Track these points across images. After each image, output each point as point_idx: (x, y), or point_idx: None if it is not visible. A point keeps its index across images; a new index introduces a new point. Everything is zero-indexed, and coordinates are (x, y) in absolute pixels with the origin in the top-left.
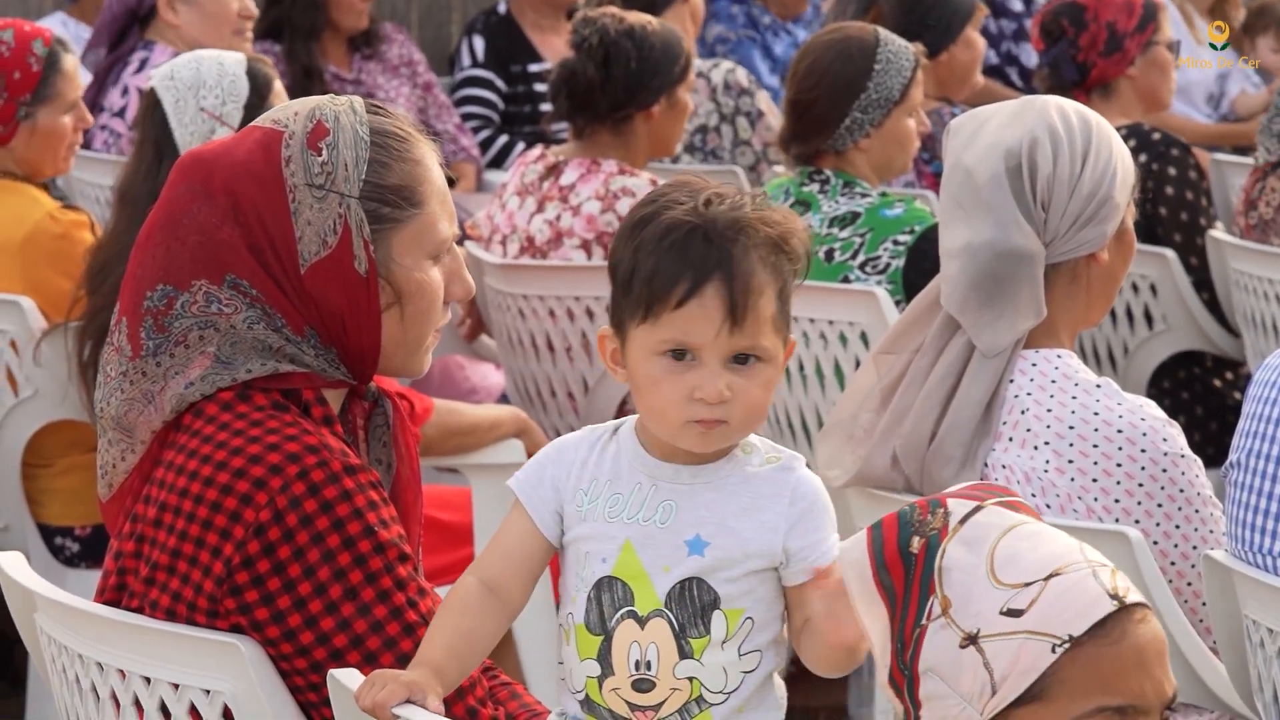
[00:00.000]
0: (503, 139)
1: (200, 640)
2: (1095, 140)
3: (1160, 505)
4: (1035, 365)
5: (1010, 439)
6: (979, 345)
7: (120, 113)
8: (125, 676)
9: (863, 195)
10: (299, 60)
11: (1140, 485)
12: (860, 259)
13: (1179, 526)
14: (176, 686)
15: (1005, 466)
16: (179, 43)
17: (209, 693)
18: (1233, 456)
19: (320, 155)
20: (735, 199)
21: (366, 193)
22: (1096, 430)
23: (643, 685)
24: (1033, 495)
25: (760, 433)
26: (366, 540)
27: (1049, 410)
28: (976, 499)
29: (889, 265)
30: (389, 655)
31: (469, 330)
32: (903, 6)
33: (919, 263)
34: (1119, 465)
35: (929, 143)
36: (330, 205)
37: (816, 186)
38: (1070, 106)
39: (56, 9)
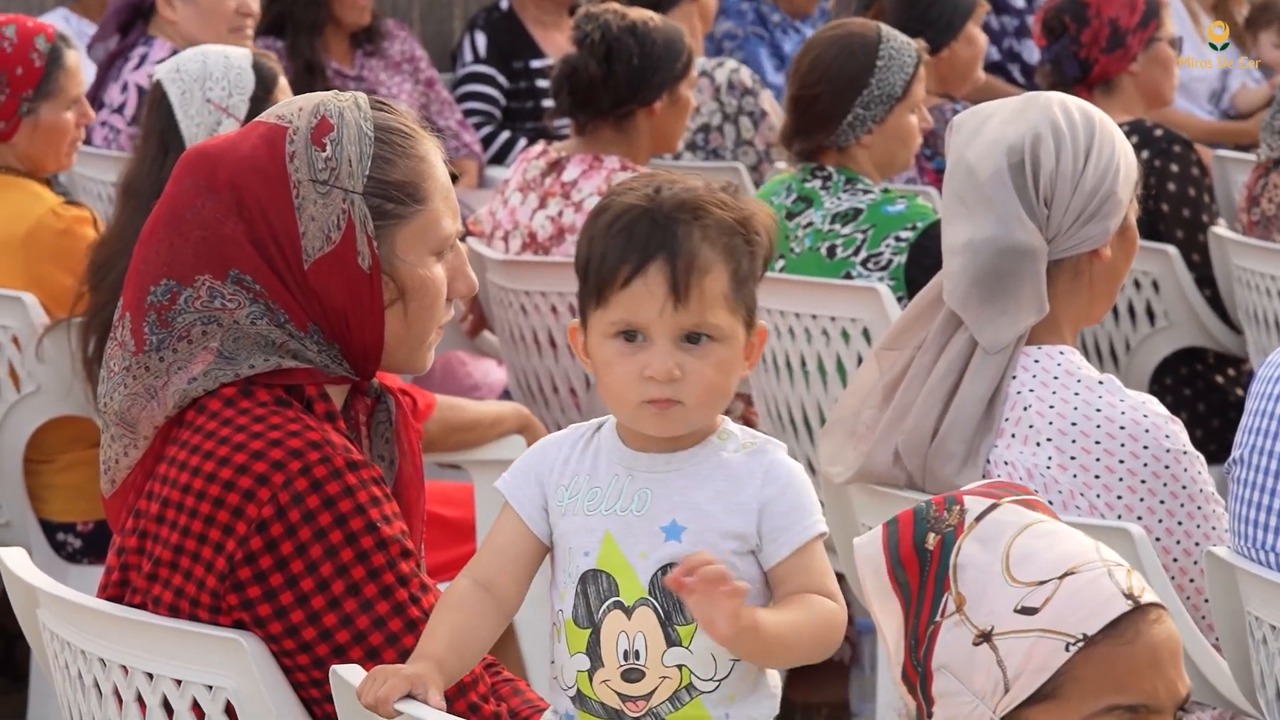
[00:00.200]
0: (505, 135)
1: (203, 636)
2: (1098, 136)
3: (1162, 502)
4: (1038, 362)
5: (1013, 435)
6: (981, 342)
7: (120, 109)
8: (128, 672)
9: (865, 191)
10: (301, 56)
11: (1142, 482)
12: (862, 255)
13: (1181, 523)
14: (179, 682)
15: (1007, 463)
16: (177, 38)
17: (211, 688)
18: (1235, 453)
19: (324, 151)
20: (689, 184)
21: (370, 189)
22: (1099, 427)
23: (632, 675)
24: (1035, 492)
25: (762, 429)
26: (369, 536)
27: (1051, 407)
28: (993, 496)
29: (891, 261)
30: (391, 651)
31: (471, 326)
32: (904, 3)
33: (921, 259)
34: (1121, 462)
35: (931, 139)
36: (334, 201)
37: (819, 183)
38: (1073, 103)
39: (59, 5)
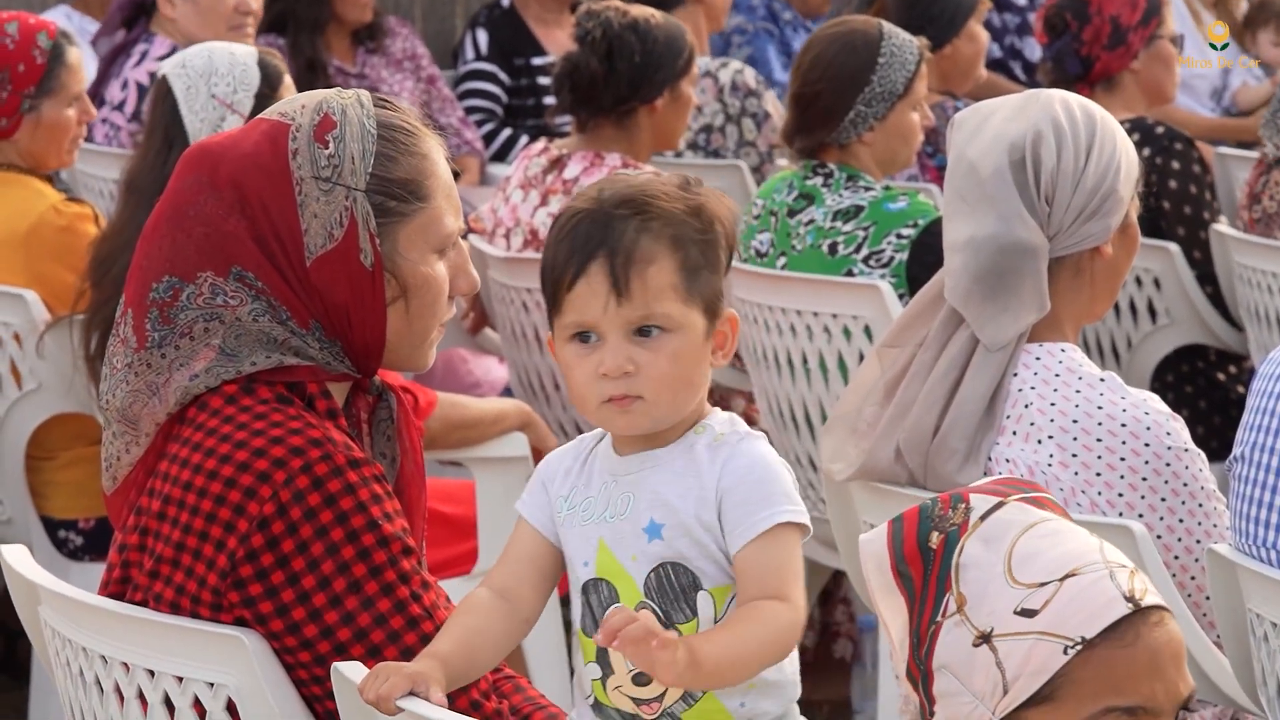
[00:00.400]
0: (506, 132)
1: (204, 633)
2: (1099, 134)
3: (1164, 499)
4: (1039, 359)
5: (1014, 433)
6: (983, 339)
7: (120, 106)
8: (129, 669)
9: (866, 189)
10: (303, 54)
11: (1144, 479)
12: (864, 253)
13: (1182, 521)
14: (180, 680)
15: (1009, 460)
16: (177, 35)
17: (213, 686)
18: (1236, 450)
19: (327, 148)
20: (635, 181)
21: (373, 186)
22: (1100, 424)
23: (642, 678)
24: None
25: (763, 426)
26: (370, 534)
27: (1053, 404)
28: (1000, 494)
29: (893, 259)
30: (393, 648)
31: (472, 324)
32: (906, 0)
33: (922, 256)
34: (1122, 459)
35: (932, 136)
36: (337, 198)
37: (820, 180)
38: (1074, 100)
39: (61, 2)
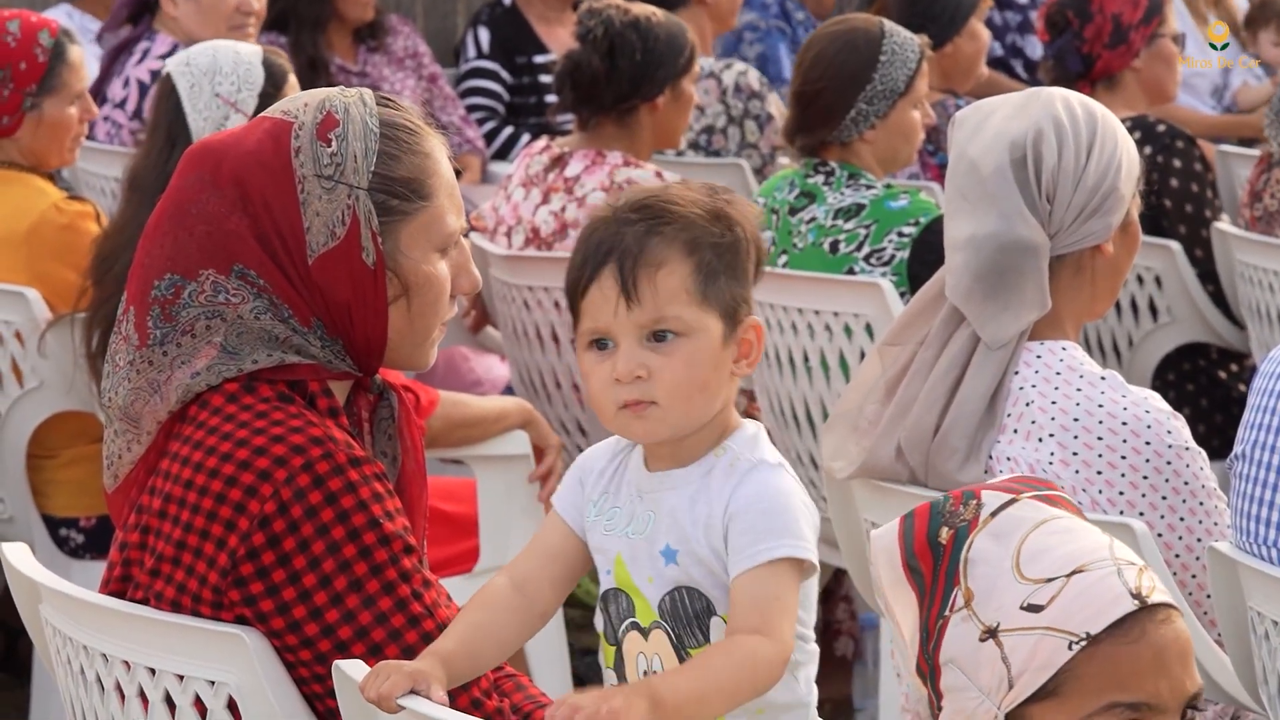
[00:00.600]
0: (508, 130)
1: (205, 632)
2: (1100, 132)
3: (1165, 498)
4: (1040, 357)
5: (1015, 431)
6: (984, 337)
7: (121, 104)
8: (130, 668)
9: (868, 187)
10: (304, 52)
11: (1145, 478)
12: (865, 251)
13: (1183, 519)
14: (181, 678)
15: (1010, 459)
16: (179, 34)
17: (214, 684)
18: (1237, 449)
19: (330, 146)
20: (651, 187)
21: (375, 184)
22: (1101, 423)
23: None
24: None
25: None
26: (371, 532)
27: (1054, 403)
28: (1013, 491)
29: (894, 257)
30: (394, 647)
31: (474, 322)
32: None
33: (923, 254)
34: (1123, 458)
35: (933, 134)
36: (339, 196)
37: (821, 178)
38: (1075, 99)
39: (62, 0)
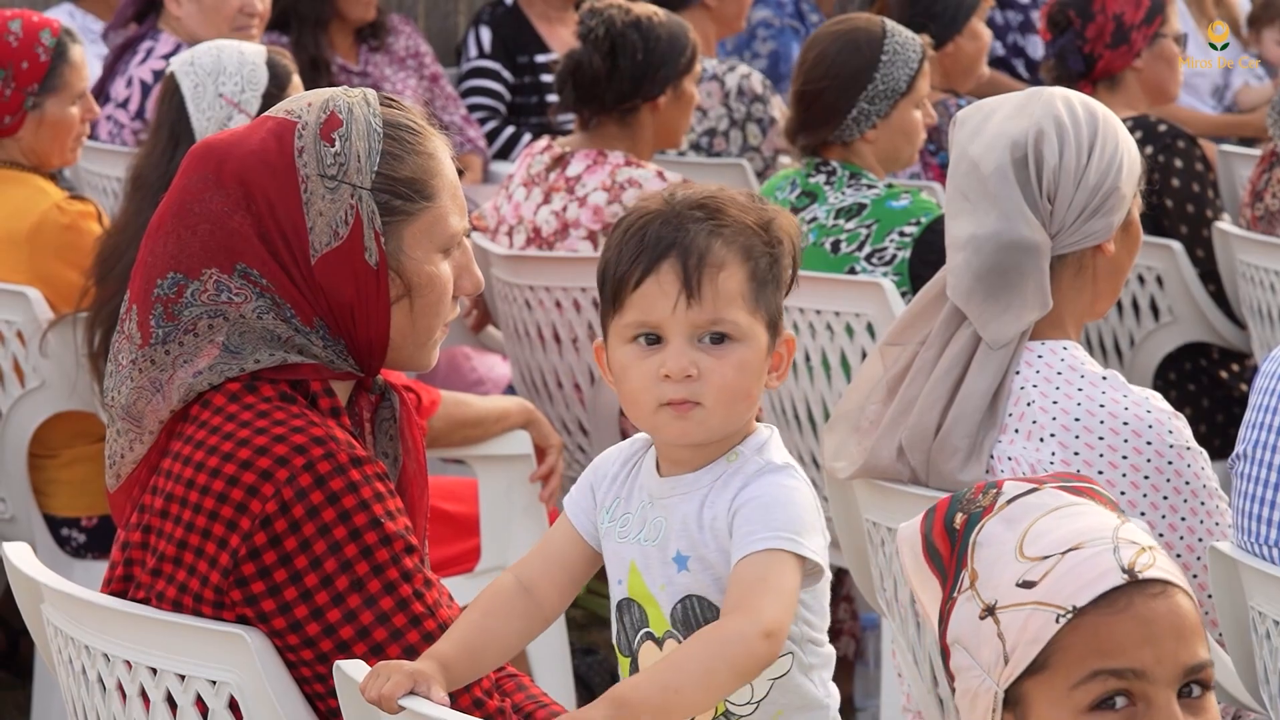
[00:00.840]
0: (509, 130)
1: (206, 631)
2: (1101, 132)
3: (1166, 497)
4: (1041, 357)
5: (1016, 431)
6: (985, 337)
7: (124, 103)
8: (131, 667)
9: (869, 186)
10: (306, 52)
11: (1146, 477)
12: (866, 250)
13: (1185, 519)
14: (183, 677)
15: (1011, 459)
16: (182, 33)
17: (215, 684)
18: (1238, 448)
19: (333, 146)
20: (706, 188)
21: (378, 184)
22: (1102, 422)
23: None
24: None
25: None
26: (373, 532)
27: (1055, 402)
28: (1038, 483)
29: (895, 257)
30: (395, 647)
31: (475, 321)
32: None
33: (925, 254)
34: (1125, 457)
35: (935, 134)
36: (342, 196)
37: (823, 178)
38: (1076, 98)
39: (64, 0)
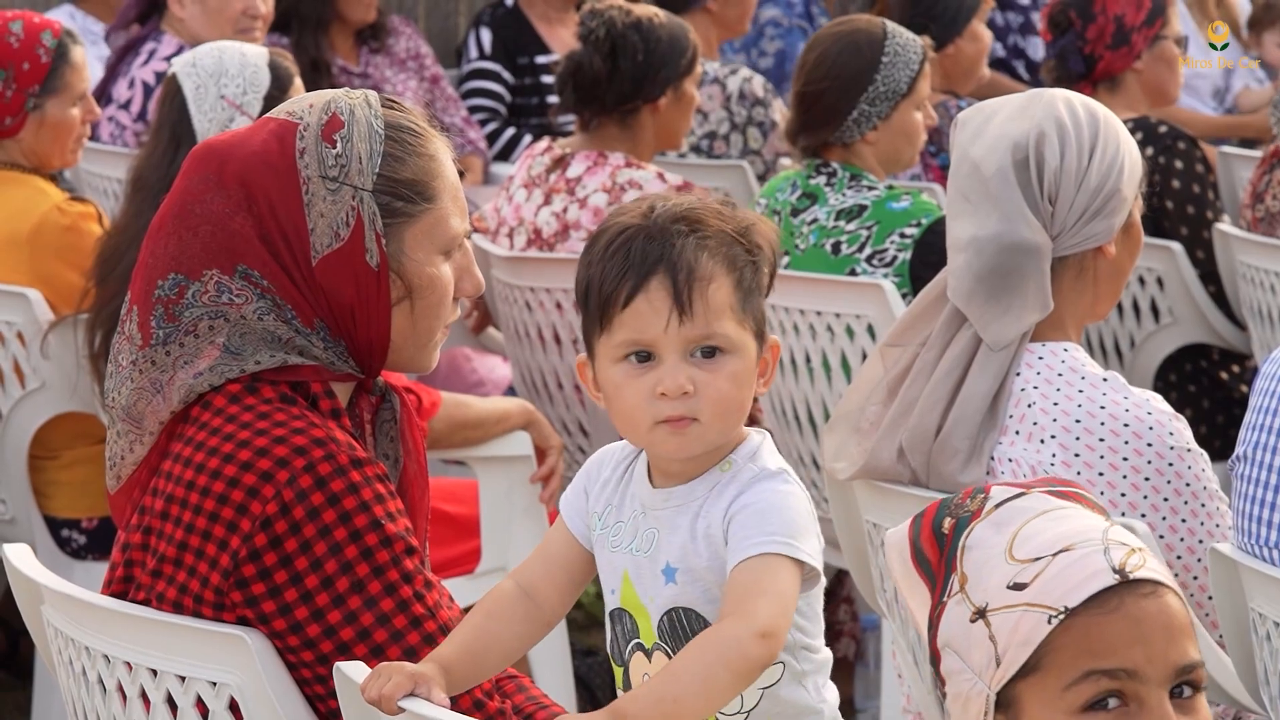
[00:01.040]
0: (510, 131)
1: (207, 633)
2: (1102, 134)
3: (1166, 499)
4: (1042, 359)
5: (1017, 432)
6: (985, 338)
7: (126, 105)
8: (132, 669)
9: (869, 188)
10: (306, 53)
11: (1146, 479)
12: (867, 252)
13: (1185, 520)
14: (183, 679)
15: (1011, 460)
16: (185, 35)
17: (215, 685)
18: (1238, 450)
19: (335, 148)
20: (683, 199)
21: (380, 186)
22: (1103, 424)
23: None
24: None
25: (766, 424)
26: (374, 533)
27: (1055, 404)
28: (1025, 487)
29: (895, 258)
30: (395, 648)
31: (476, 323)
32: None
33: (925, 255)
34: (1125, 459)
35: (935, 136)
36: (343, 198)
37: (823, 179)
38: (1078, 100)
39: (65, 1)
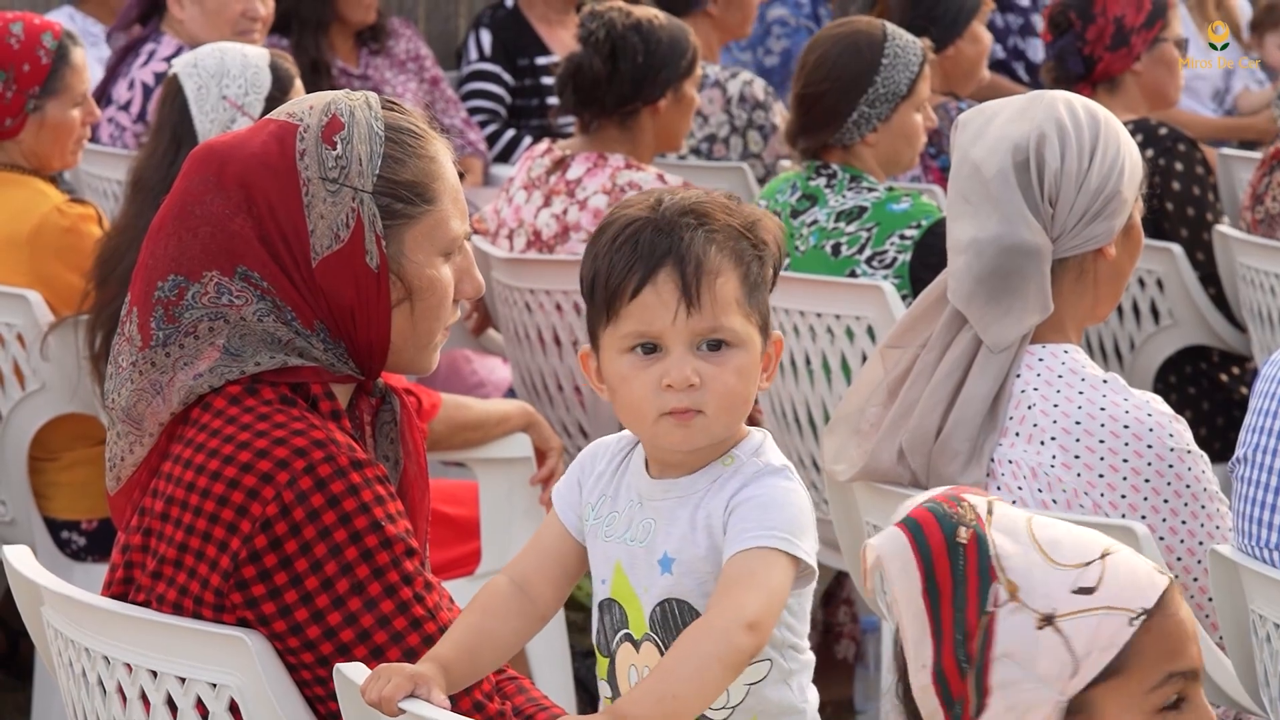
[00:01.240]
0: (510, 133)
1: (207, 634)
2: (1103, 136)
3: (1166, 501)
4: (1042, 360)
5: (1017, 434)
6: (986, 340)
7: (126, 106)
8: (132, 670)
9: (869, 190)
10: (307, 55)
11: (1146, 481)
12: (867, 253)
13: (1185, 522)
14: (183, 680)
15: (1011, 461)
16: (184, 36)
17: (215, 686)
18: (1238, 452)
19: (335, 149)
20: (690, 193)
21: (380, 188)
22: (1103, 426)
23: None
24: (1039, 490)
25: (766, 426)
26: (373, 535)
27: (1055, 405)
28: (958, 497)
29: (895, 260)
30: (395, 649)
31: (476, 324)
32: (909, 1)
33: (925, 257)
34: (1125, 461)
35: (935, 137)
36: (343, 199)
37: (823, 181)
38: (1078, 102)
39: (65, 3)
